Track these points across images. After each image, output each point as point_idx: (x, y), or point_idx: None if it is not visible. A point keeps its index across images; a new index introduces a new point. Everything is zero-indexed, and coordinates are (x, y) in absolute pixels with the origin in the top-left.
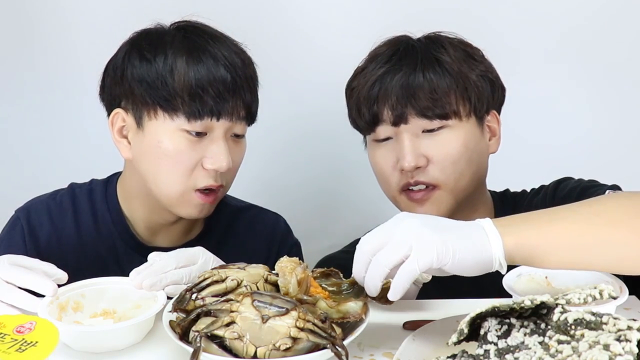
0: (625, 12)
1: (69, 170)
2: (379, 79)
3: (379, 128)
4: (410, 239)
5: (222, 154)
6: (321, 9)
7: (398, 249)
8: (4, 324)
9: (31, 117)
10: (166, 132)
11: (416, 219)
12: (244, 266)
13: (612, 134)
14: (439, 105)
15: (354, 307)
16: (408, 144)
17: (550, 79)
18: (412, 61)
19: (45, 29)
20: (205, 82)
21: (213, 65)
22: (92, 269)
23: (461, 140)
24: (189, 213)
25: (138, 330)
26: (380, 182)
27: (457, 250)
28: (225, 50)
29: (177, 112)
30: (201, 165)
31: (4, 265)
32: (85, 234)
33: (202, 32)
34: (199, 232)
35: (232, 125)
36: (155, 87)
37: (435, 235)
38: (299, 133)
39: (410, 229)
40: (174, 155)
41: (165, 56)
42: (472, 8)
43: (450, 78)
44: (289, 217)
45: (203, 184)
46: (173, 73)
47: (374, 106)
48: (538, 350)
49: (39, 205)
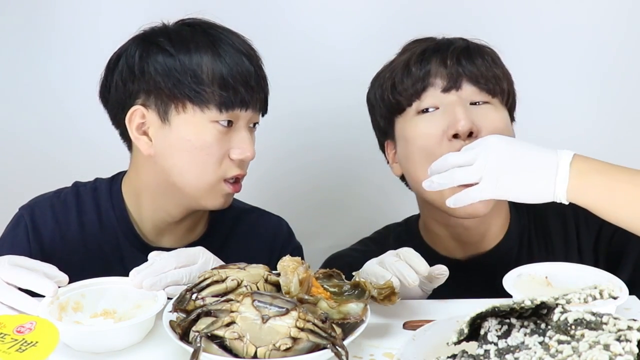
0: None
1: (73, 169)
2: (430, 50)
3: (426, 95)
4: (486, 172)
5: (248, 143)
6: (322, 9)
7: (474, 174)
8: (4, 324)
9: (34, 116)
10: (196, 124)
11: (504, 152)
12: (244, 266)
13: (614, 134)
14: (492, 78)
15: (355, 308)
16: (462, 110)
17: (551, 78)
18: (463, 43)
19: (44, 28)
20: (235, 73)
21: (237, 57)
22: (95, 268)
23: (505, 120)
24: (216, 203)
25: (138, 330)
26: (421, 159)
27: (520, 194)
28: (241, 43)
29: (209, 104)
30: (228, 156)
31: (5, 266)
32: (89, 233)
33: (216, 27)
34: (203, 233)
35: (254, 115)
36: (183, 80)
37: (508, 176)
38: (300, 133)
39: (493, 159)
40: (205, 147)
41: (189, 50)
42: (472, 8)
43: (499, 67)
44: (291, 216)
45: (231, 173)
46: (201, 65)
47: (427, 65)
48: (538, 350)
49: (43, 203)
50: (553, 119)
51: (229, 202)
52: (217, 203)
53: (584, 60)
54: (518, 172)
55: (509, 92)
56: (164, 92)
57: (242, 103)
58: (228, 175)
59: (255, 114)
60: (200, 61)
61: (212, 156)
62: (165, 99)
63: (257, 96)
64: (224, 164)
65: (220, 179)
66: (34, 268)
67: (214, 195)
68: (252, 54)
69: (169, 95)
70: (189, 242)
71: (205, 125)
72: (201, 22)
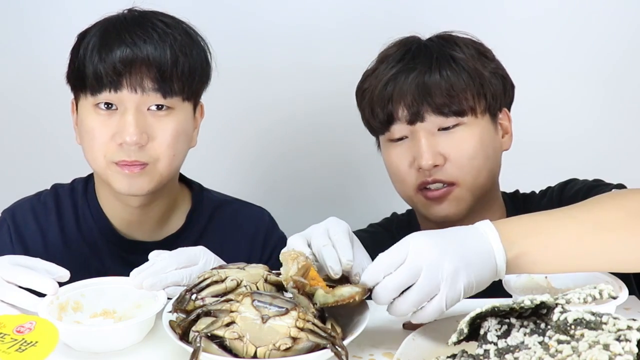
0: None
1: (58, 171)
2: (393, 78)
3: (394, 127)
4: (442, 283)
5: (129, 126)
6: (323, 9)
7: (428, 290)
8: (4, 324)
9: (16, 118)
10: (85, 110)
11: (443, 258)
12: (243, 266)
13: (616, 133)
14: (456, 102)
15: (349, 290)
16: (425, 142)
17: (553, 77)
18: (427, 59)
19: (30, 27)
20: (105, 59)
21: (116, 45)
22: (76, 268)
23: (477, 137)
24: (120, 187)
25: (138, 330)
26: (395, 182)
27: (478, 285)
28: (140, 31)
29: (85, 89)
30: (115, 140)
31: (5, 264)
32: (68, 233)
33: (129, 16)
34: (181, 226)
35: (140, 98)
36: (74, 69)
37: (463, 276)
38: (299, 132)
39: (441, 272)
40: (88, 130)
41: (87, 42)
42: (472, 8)
43: (467, 75)
44: (290, 215)
45: (117, 158)
46: (85, 56)
47: (388, 105)
48: (538, 350)
49: (24, 205)
50: (553, 119)
51: (138, 188)
52: (121, 186)
53: (584, 60)
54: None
55: (488, 92)
56: (71, 82)
57: (109, 85)
58: (115, 159)
59: (145, 97)
60: (85, 52)
61: (95, 139)
62: (72, 89)
63: (135, 78)
64: (111, 147)
65: (110, 162)
66: (35, 266)
67: (114, 178)
68: (142, 40)
69: (73, 85)
70: (167, 235)
71: (89, 110)
72: (128, 12)
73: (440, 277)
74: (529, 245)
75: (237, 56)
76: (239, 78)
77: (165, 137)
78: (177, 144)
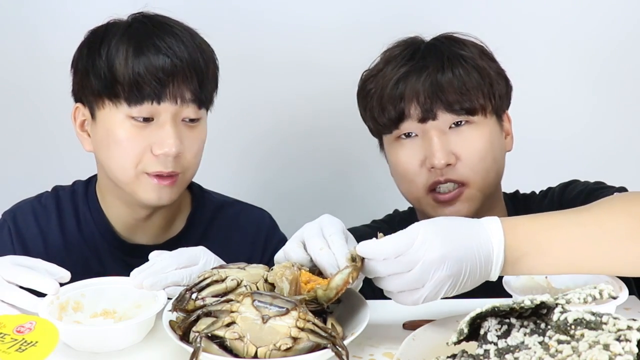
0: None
1: (59, 173)
2: (404, 77)
3: (404, 124)
4: (428, 282)
5: (169, 138)
6: (323, 9)
7: (414, 284)
8: (4, 324)
9: (16, 118)
10: (114, 120)
11: (439, 252)
12: (244, 266)
13: (616, 134)
14: (467, 100)
15: (341, 276)
16: (437, 141)
17: (553, 78)
18: (438, 58)
19: (28, 29)
20: (142, 68)
21: (152, 53)
22: (76, 270)
23: (486, 136)
24: (148, 198)
25: (138, 330)
26: (403, 183)
27: (462, 291)
28: (169, 38)
29: (119, 99)
30: (151, 151)
31: (6, 264)
32: (69, 236)
33: (149, 21)
34: (182, 228)
35: (178, 109)
36: (99, 77)
37: (452, 283)
38: (300, 133)
39: (433, 274)
40: (121, 142)
41: (109, 47)
42: (472, 8)
43: (478, 74)
44: (288, 215)
45: (153, 169)
46: (114, 62)
47: (400, 104)
48: (538, 350)
49: (25, 207)
50: (553, 120)
51: (167, 198)
52: (149, 197)
53: (583, 60)
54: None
55: (496, 92)
56: (89, 89)
57: (151, 97)
58: (149, 170)
59: (182, 108)
60: (115, 58)
61: (128, 151)
62: (90, 96)
63: (176, 89)
64: (145, 158)
65: (141, 173)
66: (36, 266)
67: (142, 188)
68: (177, 48)
69: (92, 92)
70: (168, 238)
71: (123, 121)
72: (140, 18)
73: (429, 278)
74: (530, 249)
75: (237, 56)
76: (239, 78)
77: (194, 147)
78: (201, 153)
